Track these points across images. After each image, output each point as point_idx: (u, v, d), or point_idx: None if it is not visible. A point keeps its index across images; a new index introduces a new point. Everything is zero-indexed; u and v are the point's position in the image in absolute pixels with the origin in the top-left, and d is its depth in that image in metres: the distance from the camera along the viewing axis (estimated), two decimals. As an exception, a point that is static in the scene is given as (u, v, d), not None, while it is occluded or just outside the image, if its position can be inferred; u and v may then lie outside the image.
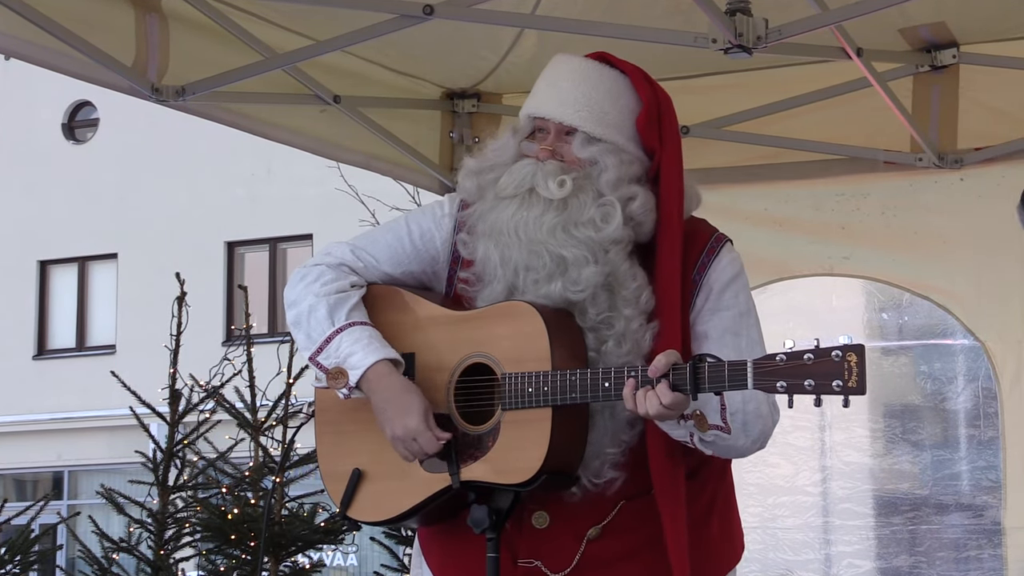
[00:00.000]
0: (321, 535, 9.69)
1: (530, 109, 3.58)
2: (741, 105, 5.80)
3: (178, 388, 10.29)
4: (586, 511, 3.46)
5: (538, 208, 3.47)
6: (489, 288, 3.50)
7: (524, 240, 3.46)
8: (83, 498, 24.66)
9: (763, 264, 5.73)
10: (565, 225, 3.46)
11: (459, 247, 3.59)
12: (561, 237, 3.45)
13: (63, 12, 4.81)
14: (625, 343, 3.43)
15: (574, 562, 3.46)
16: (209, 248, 24.71)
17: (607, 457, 3.42)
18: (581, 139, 3.51)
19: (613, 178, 3.49)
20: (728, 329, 3.50)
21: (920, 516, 6.90)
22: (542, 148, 3.53)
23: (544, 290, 3.43)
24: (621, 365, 3.35)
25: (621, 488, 3.45)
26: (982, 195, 5.65)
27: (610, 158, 3.50)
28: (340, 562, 21.91)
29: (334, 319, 3.51)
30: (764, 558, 6.65)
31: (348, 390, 3.47)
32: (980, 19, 5.37)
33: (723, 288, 3.53)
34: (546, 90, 3.58)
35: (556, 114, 3.53)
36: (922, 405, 7.05)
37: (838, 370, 3.10)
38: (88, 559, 9.98)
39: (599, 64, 3.60)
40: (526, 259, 3.45)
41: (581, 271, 3.43)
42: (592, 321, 3.44)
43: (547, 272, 3.44)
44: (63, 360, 25.72)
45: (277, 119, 5.78)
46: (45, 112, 25.96)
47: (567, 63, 3.62)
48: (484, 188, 3.57)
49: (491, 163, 3.58)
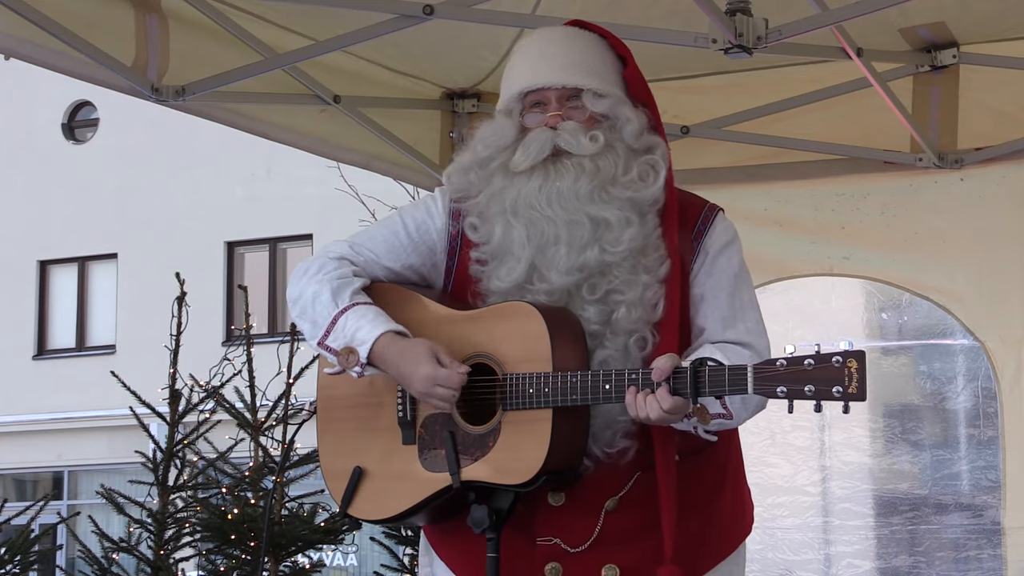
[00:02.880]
0: (321, 535, 9.68)
1: (523, 84, 3.54)
2: (741, 105, 5.80)
3: (178, 388, 10.27)
4: (601, 484, 3.45)
5: (569, 175, 3.44)
6: (507, 266, 3.47)
7: (560, 211, 3.43)
8: (83, 498, 24.66)
9: (763, 264, 5.73)
10: (603, 185, 3.44)
11: (467, 232, 3.55)
12: (600, 199, 3.43)
13: (63, 12, 4.81)
14: (636, 310, 3.41)
15: (593, 536, 3.45)
16: (209, 248, 24.71)
17: (619, 426, 3.41)
18: (590, 96, 3.49)
19: (636, 127, 3.49)
20: (723, 289, 3.52)
21: (920, 516, 6.90)
22: (551, 115, 3.49)
23: (579, 260, 3.41)
24: (622, 369, 3.34)
25: (635, 458, 3.44)
26: (982, 195, 5.65)
27: (625, 108, 3.50)
28: (340, 562, 21.91)
29: (338, 301, 3.50)
30: (763, 558, 6.66)
31: (360, 367, 3.44)
32: (980, 19, 5.37)
33: (718, 252, 3.54)
34: (535, 62, 3.55)
35: (557, 80, 3.51)
36: (922, 405, 7.06)
37: (838, 376, 3.10)
38: (88, 559, 9.97)
39: (579, 29, 3.61)
40: (564, 231, 3.42)
41: (623, 232, 3.42)
42: (608, 286, 3.42)
43: (584, 241, 3.41)
44: (63, 360, 25.72)
45: (277, 119, 5.78)
46: (45, 112, 25.96)
47: (548, 34, 3.62)
48: (488, 177, 3.53)
49: (491, 151, 3.54)
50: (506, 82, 3.60)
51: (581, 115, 3.49)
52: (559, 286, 3.43)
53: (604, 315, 3.43)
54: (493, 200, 3.51)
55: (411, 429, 3.49)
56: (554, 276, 3.43)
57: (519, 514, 3.44)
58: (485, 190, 3.53)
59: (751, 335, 3.50)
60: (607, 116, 3.49)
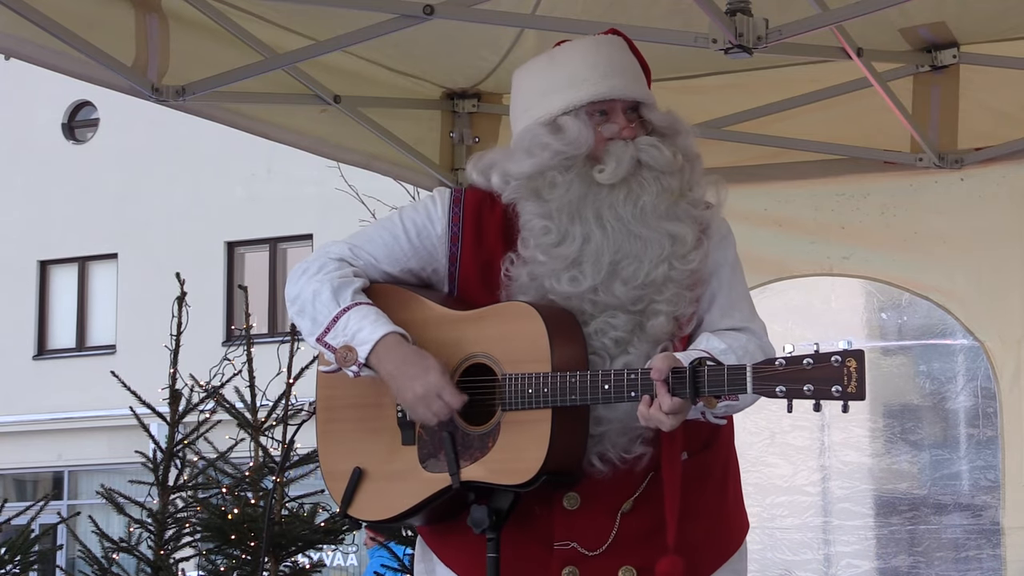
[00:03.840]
0: (321, 535, 9.68)
1: (591, 94, 3.52)
2: (741, 105, 5.80)
3: (178, 388, 10.28)
4: (617, 487, 3.45)
5: (652, 189, 3.47)
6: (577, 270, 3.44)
7: (644, 228, 3.45)
8: (83, 498, 24.66)
9: (763, 264, 5.73)
10: (675, 201, 3.48)
11: (530, 230, 3.48)
12: (674, 216, 3.47)
13: (63, 12, 4.81)
14: (672, 323, 3.45)
15: (610, 539, 3.45)
16: (209, 248, 24.71)
17: (636, 432, 3.41)
18: (648, 109, 3.53)
19: (689, 140, 3.54)
20: (721, 281, 3.55)
21: (919, 516, 6.91)
22: (627, 127, 3.51)
23: (651, 275, 3.43)
24: (620, 368, 3.35)
25: (648, 464, 3.45)
26: (982, 195, 5.65)
27: (677, 121, 3.54)
28: (340, 562, 21.91)
29: (339, 300, 3.50)
30: (763, 558, 6.66)
31: (358, 367, 3.45)
32: (980, 19, 5.37)
33: (715, 246, 3.56)
34: (601, 71, 3.54)
35: (627, 92, 3.53)
36: (921, 405, 7.07)
37: (837, 375, 3.11)
38: (88, 559, 9.97)
39: (615, 37, 3.65)
40: (645, 248, 3.44)
41: (694, 252, 3.47)
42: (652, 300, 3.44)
43: (662, 256, 3.44)
44: (63, 360, 25.72)
45: (277, 119, 5.78)
46: (45, 112, 25.96)
47: (596, 43, 3.62)
48: (568, 182, 3.48)
49: (566, 156, 3.48)
50: (561, 87, 3.55)
51: (643, 128, 3.52)
52: (622, 297, 3.43)
53: (633, 323, 3.44)
54: (571, 205, 3.48)
55: (411, 430, 3.49)
56: (619, 289, 3.43)
57: (534, 518, 3.45)
58: (561, 194, 3.49)
59: (745, 320, 3.54)
60: (668, 128, 3.53)
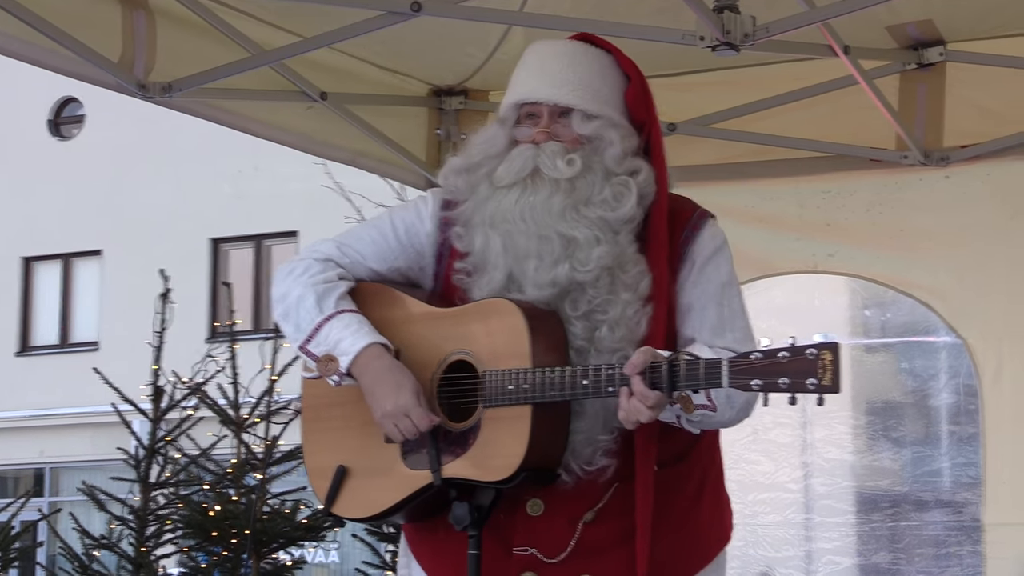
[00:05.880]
0: (303, 532, 9.69)
1: (519, 96, 3.57)
2: (728, 102, 5.81)
3: (161, 385, 10.27)
4: (580, 496, 3.45)
5: (544, 191, 3.46)
6: (487, 276, 3.48)
7: (532, 225, 3.45)
8: (65, 495, 24.60)
9: (748, 261, 5.72)
10: (575, 205, 3.45)
11: (453, 241, 3.57)
12: (571, 218, 3.45)
13: (49, 8, 4.80)
14: (619, 329, 3.42)
15: (569, 548, 3.45)
16: (194, 245, 24.68)
17: (599, 444, 3.42)
18: (579, 117, 3.51)
19: (619, 152, 3.50)
20: (712, 299, 3.52)
21: (900, 513, 6.94)
22: (539, 131, 3.52)
23: (549, 275, 3.43)
24: (599, 363, 3.35)
25: (613, 475, 3.44)
26: (967, 193, 5.66)
27: (612, 132, 3.51)
28: (322, 559, 21.90)
29: (322, 307, 3.52)
30: (744, 555, 6.68)
31: (339, 376, 3.47)
32: (967, 17, 5.39)
33: (706, 260, 3.54)
34: (534, 75, 3.57)
35: (550, 96, 3.53)
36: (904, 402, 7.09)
37: (812, 368, 3.10)
38: (69, 556, 9.96)
39: (584, 44, 3.62)
40: (535, 245, 3.44)
41: (592, 251, 3.43)
42: (588, 306, 3.43)
43: (555, 257, 3.43)
44: (46, 357, 25.67)
45: (263, 116, 5.77)
46: (31, 108, 25.90)
47: (552, 47, 3.63)
48: (475, 184, 3.56)
49: (480, 157, 3.57)
50: (508, 89, 3.62)
51: (568, 134, 3.51)
52: (534, 299, 3.43)
53: (589, 332, 3.43)
54: (476, 210, 3.53)
55: (393, 428, 3.50)
56: (529, 289, 3.44)
57: (497, 523, 3.44)
58: (471, 198, 3.55)
59: (739, 343, 3.49)
60: (591, 138, 3.51)
